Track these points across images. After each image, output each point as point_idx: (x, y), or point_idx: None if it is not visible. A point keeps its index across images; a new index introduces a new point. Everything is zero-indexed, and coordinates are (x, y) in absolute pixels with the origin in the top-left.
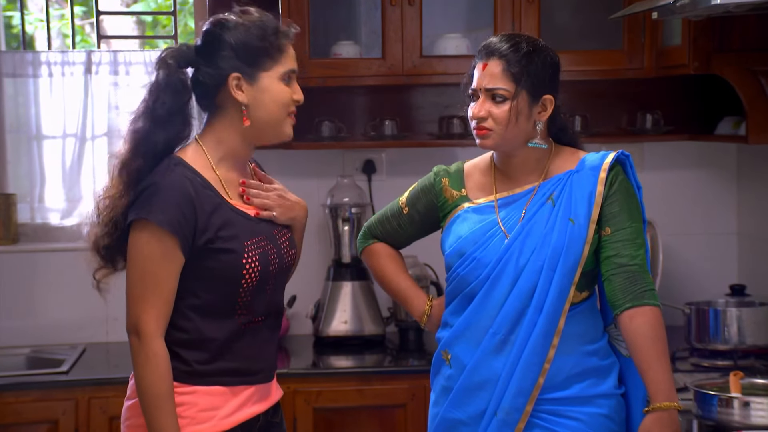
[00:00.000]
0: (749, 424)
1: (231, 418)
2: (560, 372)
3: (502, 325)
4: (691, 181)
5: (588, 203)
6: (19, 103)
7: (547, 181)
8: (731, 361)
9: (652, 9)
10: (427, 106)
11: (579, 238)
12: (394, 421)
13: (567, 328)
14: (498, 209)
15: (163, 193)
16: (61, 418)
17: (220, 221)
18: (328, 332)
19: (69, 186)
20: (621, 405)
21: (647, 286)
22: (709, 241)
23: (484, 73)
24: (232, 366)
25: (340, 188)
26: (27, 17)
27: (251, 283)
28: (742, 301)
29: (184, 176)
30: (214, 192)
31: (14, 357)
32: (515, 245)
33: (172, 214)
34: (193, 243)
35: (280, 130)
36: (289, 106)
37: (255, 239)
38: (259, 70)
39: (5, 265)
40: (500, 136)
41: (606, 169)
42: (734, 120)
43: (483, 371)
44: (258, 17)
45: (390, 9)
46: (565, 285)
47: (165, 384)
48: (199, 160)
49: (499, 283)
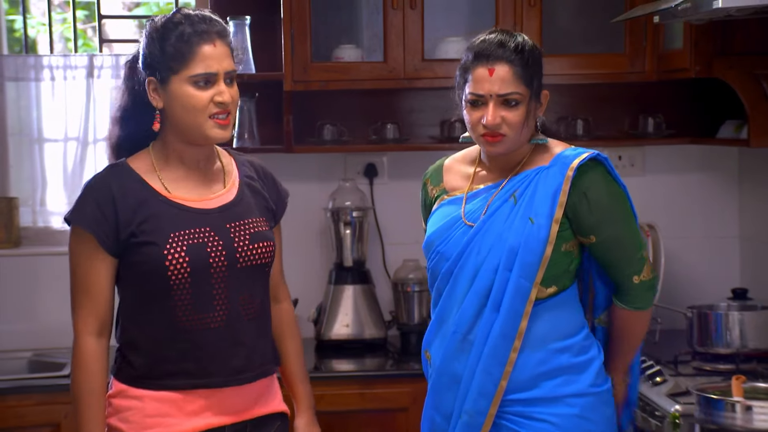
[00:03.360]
0: (751, 428)
1: (179, 427)
2: (524, 371)
3: (461, 324)
4: (693, 184)
5: (552, 202)
6: (22, 106)
7: (514, 177)
8: (733, 365)
9: (653, 12)
10: (428, 110)
11: (537, 239)
12: (395, 425)
13: (532, 325)
14: (465, 202)
15: (84, 194)
16: (62, 421)
17: (145, 214)
18: (330, 336)
19: (71, 189)
20: (599, 403)
21: (640, 293)
22: (711, 245)
23: (493, 79)
24: (176, 368)
25: (342, 192)
26: (29, 21)
27: (181, 277)
28: (745, 304)
29: (110, 175)
30: (144, 187)
31: (16, 360)
32: (475, 240)
33: (89, 212)
34: (117, 240)
35: (201, 133)
36: (204, 109)
37: (188, 231)
38: (169, 74)
39: (7, 268)
40: (513, 140)
41: (573, 167)
42: (736, 123)
43: (448, 371)
44: (176, 19)
45: (392, 12)
46: (523, 286)
47: (92, 382)
48: (143, 162)
49: (460, 278)
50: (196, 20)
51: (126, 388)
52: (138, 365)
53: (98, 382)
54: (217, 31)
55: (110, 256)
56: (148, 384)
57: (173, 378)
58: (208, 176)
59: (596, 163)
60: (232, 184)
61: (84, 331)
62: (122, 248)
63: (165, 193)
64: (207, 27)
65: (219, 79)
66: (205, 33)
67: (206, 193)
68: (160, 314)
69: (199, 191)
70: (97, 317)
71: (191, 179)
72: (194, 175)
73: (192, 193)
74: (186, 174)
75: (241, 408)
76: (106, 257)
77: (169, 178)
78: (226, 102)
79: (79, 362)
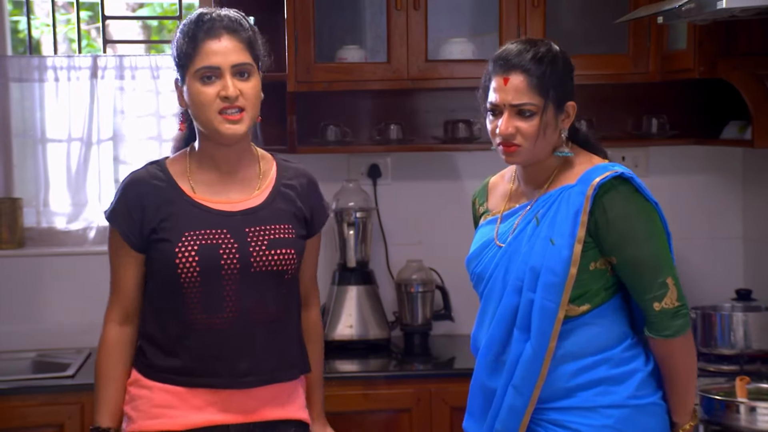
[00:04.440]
0: (755, 429)
1: (183, 419)
2: (558, 383)
3: (492, 344)
4: (697, 185)
5: (574, 222)
6: (25, 107)
7: (541, 197)
8: (737, 366)
9: (657, 13)
10: (432, 111)
11: (559, 260)
12: (399, 426)
13: (565, 341)
14: (500, 222)
15: (118, 190)
16: (67, 422)
17: (166, 213)
18: (334, 336)
19: (75, 190)
20: (640, 415)
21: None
22: (715, 246)
23: (507, 88)
24: (182, 364)
25: (346, 192)
26: (33, 22)
27: (189, 275)
28: (749, 305)
29: (145, 172)
30: (173, 187)
31: (20, 361)
32: (502, 261)
33: (117, 208)
34: (141, 236)
35: (213, 129)
36: (210, 104)
37: (203, 231)
38: (183, 72)
39: (11, 269)
40: (529, 151)
41: (594, 186)
42: (740, 124)
43: (484, 387)
44: (191, 18)
45: (395, 13)
46: (549, 307)
47: (108, 367)
48: (179, 164)
49: (490, 299)
50: (206, 18)
51: (140, 377)
52: (151, 356)
53: (117, 368)
54: (224, 26)
55: (135, 252)
56: (157, 376)
57: (179, 374)
58: (241, 180)
59: (620, 182)
60: (264, 189)
61: (109, 319)
62: (146, 244)
63: (191, 194)
64: (213, 23)
65: (224, 74)
66: (210, 29)
67: (234, 196)
68: (172, 310)
69: (226, 194)
70: (122, 308)
71: (222, 182)
72: (226, 179)
73: (218, 195)
74: (219, 177)
75: (249, 409)
76: (130, 252)
77: (200, 180)
78: (231, 96)
79: (100, 348)
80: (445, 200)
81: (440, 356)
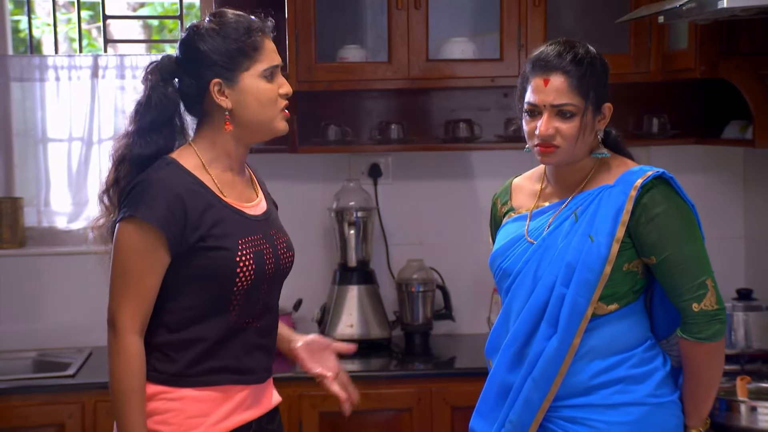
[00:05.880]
0: (756, 428)
1: (221, 424)
2: (578, 381)
3: (517, 338)
4: (698, 185)
5: (614, 221)
6: (26, 106)
7: (578, 195)
8: (738, 366)
9: (658, 13)
10: (433, 110)
11: (597, 257)
12: (400, 426)
13: (589, 339)
14: (530, 219)
15: (151, 190)
16: (67, 421)
17: (213, 219)
18: (334, 336)
19: (75, 190)
20: (659, 413)
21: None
22: (716, 245)
23: (548, 89)
24: (222, 365)
25: (346, 192)
26: (34, 21)
27: (246, 282)
28: (749, 305)
29: (174, 174)
30: (206, 190)
31: (21, 360)
32: (534, 256)
33: (159, 210)
34: (183, 241)
35: (273, 127)
36: (275, 102)
37: (250, 238)
38: (237, 71)
39: (12, 268)
40: (567, 152)
41: (637, 187)
42: (741, 124)
43: (502, 381)
44: (231, 18)
45: (396, 13)
46: (580, 303)
47: (135, 381)
48: (191, 160)
49: (518, 293)
50: (248, 17)
51: (166, 389)
52: (182, 363)
53: (140, 381)
54: (268, 25)
55: (168, 257)
56: (191, 382)
57: (217, 373)
58: (246, 181)
59: (661, 182)
60: (258, 191)
61: (130, 329)
62: (187, 250)
63: (222, 197)
64: (261, 22)
65: (278, 72)
66: (266, 27)
67: (250, 199)
68: (215, 315)
69: (244, 197)
70: (142, 315)
71: (236, 183)
72: (236, 179)
73: (240, 199)
74: (232, 178)
75: (264, 402)
76: (165, 257)
77: (219, 180)
78: (290, 93)
79: (122, 361)
80: (446, 200)
81: (441, 356)
